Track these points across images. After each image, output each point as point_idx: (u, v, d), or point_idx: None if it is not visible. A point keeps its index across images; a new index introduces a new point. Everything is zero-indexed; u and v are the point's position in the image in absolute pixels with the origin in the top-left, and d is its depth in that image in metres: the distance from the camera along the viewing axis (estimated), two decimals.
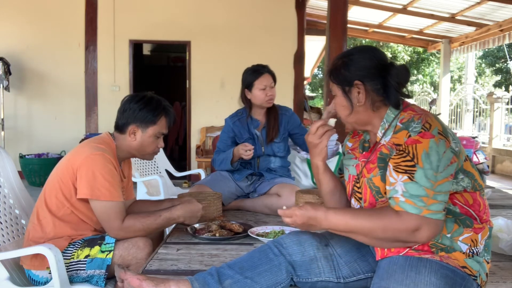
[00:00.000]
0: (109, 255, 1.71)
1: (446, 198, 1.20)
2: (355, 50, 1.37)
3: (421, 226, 1.18)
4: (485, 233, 1.29)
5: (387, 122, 1.32)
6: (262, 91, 2.53)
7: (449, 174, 1.20)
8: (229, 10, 6.79)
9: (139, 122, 1.83)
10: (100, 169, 1.71)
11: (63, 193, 1.76)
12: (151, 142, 1.87)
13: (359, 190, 1.39)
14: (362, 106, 1.34)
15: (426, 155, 1.19)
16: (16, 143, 6.52)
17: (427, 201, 1.18)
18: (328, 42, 5.04)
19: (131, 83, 6.78)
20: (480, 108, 10.11)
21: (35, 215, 1.80)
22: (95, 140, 1.85)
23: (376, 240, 1.26)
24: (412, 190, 1.19)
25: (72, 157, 1.78)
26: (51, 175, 1.85)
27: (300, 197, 2.20)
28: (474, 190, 1.28)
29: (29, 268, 1.77)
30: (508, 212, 2.41)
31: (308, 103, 7.28)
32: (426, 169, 1.18)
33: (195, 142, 6.85)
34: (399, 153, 1.24)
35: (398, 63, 1.33)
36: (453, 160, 1.20)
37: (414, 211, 1.18)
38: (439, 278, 1.16)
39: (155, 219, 1.79)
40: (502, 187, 6.41)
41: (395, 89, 1.29)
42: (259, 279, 1.32)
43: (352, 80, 1.32)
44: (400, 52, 16.46)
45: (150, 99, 1.86)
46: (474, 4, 7.23)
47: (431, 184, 1.18)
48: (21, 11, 6.60)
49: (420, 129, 1.22)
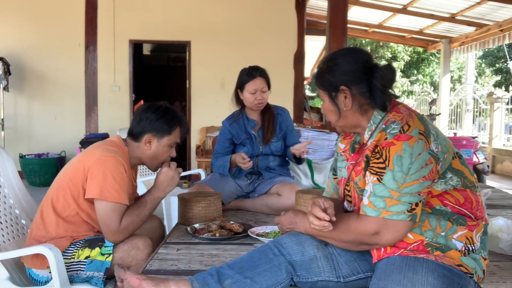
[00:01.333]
0: (108, 258, 1.71)
1: (414, 199, 1.21)
2: (339, 54, 1.37)
3: (380, 230, 1.22)
4: (480, 230, 1.29)
5: (374, 124, 1.33)
6: (251, 95, 2.52)
7: (422, 176, 1.20)
8: (229, 10, 6.79)
9: (155, 132, 1.87)
10: (111, 170, 1.72)
11: (72, 194, 1.77)
12: (165, 152, 1.91)
13: (349, 193, 1.41)
14: (349, 110, 1.35)
15: (398, 158, 1.20)
16: (16, 143, 6.53)
17: (388, 202, 1.20)
18: (328, 42, 5.04)
19: (131, 83, 6.78)
20: (480, 108, 10.11)
21: (39, 214, 1.81)
22: (107, 143, 1.87)
23: (343, 243, 1.32)
24: (377, 191, 1.22)
25: (83, 158, 1.79)
26: (60, 175, 1.85)
27: (300, 197, 2.19)
28: (465, 187, 1.28)
29: (30, 267, 1.77)
30: (508, 212, 2.41)
31: (308, 103, 7.29)
32: (395, 172, 1.20)
33: (195, 142, 6.85)
34: (374, 155, 1.27)
35: (382, 64, 1.34)
36: (429, 162, 1.20)
37: (373, 214, 1.22)
38: (436, 278, 1.16)
39: (144, 206, 1.83)
40: (502, 187, 6.41)
41: (381, 91, 1.30)
42: (259, 279, 1.32)
43: (338, 85, 1.33)
44: (400, 52, 16.44)
45: (166, 110, 1.90)
46: (474, 4, 7.23)
47: (398, 186, 1.20)
48: (21, 11, 6.60)
49: (397, 131, 1.23)
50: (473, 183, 1.30)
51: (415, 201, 1.21)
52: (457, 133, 7.41)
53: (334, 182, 1.56)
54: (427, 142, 1.21)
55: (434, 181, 1.24)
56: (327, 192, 1.59)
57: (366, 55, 1.35)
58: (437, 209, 1.27)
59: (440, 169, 1.24)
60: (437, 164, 1.23)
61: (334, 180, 1.56)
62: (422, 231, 1.26)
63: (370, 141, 1.32)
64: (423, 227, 1.26)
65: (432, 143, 1.22)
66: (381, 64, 1.34)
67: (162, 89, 8.88)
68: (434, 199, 1.27)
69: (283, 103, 2.86)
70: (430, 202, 1.27)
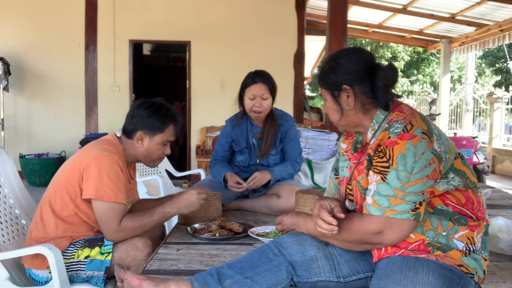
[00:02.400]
0: (108, 257, 1.71)
1: (418, 199, 1.21)
2: (342, 53, 1.38)
3: (384, 229, 1.22)
4: (481, 230, 1.29)
5: (377, 123, 1.34)
6: (250, 101, 2.43)
7: (425, 175, 1.20)
8: (229, 10, 6.79)
9: (147, 129, 1.84)
10: (106, 169, 1.71)
11: (69, 194, 1.76)
12: (158, 149, 1.88)
13: (351, 192, 1.41)
14: (352, 110, 1.35)
15: (401, 157, 1.20)
16: (16, 143, 6.53)
17: (393, 201, 1.20)
18: (328, 42, 5.04)
19: (131, 83, 6.78)
20: (480, 108, 10.11)
21: (38, 215, 1.81)
22: (101, 142, 1.85)
23: (346, 243, 1.32)
24: (381, 190, 1.22)
25: (79, 158, 1.78)
26: (56, 175, 1.85)
27: (300, 197, 2.19)
28: (467, 188, 1.28)
29: (30, 268, 1.77)
30: (508, 212, 2.41)
31: (308, 103, 7.28)
32: (399, 171, 1.20)
33: (195, 142, 6.85)
34: (378, 154, 1.27)
35: (385, 64, 1.34)
36: (432, 161, 1.21)
37: (377, 213, 1.22)
38: (437, 278, 1.16)
39: (151, 216, 1.79)
40: (502, 187, 6.41)
41: (383, 91, 1.30)
42: (259, 279, 1.32)
43: (341, 85, 1.34)
44: (400, 52, 16.44)
45: (159, 107, 1.86)
46: (474, 4, 7.23)
47: (402, 185, 1.20)
48: (21, 11, 6.60)
49: (400, 130, 1.24)
50: (474, 183, 1.30)
51: (419, 200, 1.21)
52: (457, 133, 7.41)
53: (335, 182, 1.56)
54: (430, 142, 1.22)
55: (437, 181, 1.25)
56: (328, 192, 1.59)
57: (368, 55, 1.36)
58: (439, 209, 1.27)
59: (443, 169, 1.25)
60: (440, 164, 1.23)
61: (335, 180, 1.56)
62: (424, 230, 1.26)
63: (373, 140, 1.32)
64: (425, 227, 1.26)
65: (435, 142, 1.23)
66: (384, 64, 1.34)
67: (162, 89, 8.87)
68: (435, 198, 1.27)
69: (283, 103, 2.84)
70: (431, 202, 1.27)
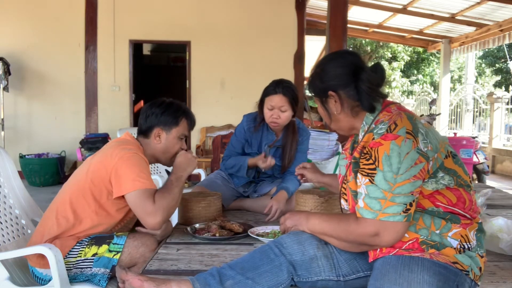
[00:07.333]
0: (116, 256, 1.73)
1: (408, 200, 1.21)
2: (327, 59, 1.40)
3: (379, 231, 1.23)
4: (474, 228, 1.29)
5: (367, 124, 1.34)
6: (268, 111, 2.40)
7: (412, 175, 1.20)
8: (229, 10, 6.79)
9: (162, 125, 1.92)
10: (137, 164, 1.76)
11: (93, 194, 1.78)
12: (175, 144, 1.96)
13: (345, 191, 1.41)
14: (341, 114, 1.36)
15: (386, 158, 1.20)
16: (16, 143, 6.52)
17: (383, 204, 1.21)
18: (328, 42, 5.05)
19: (131, 83, 6.79)
20: (480, 108, 10.11)
21: (53, 212, 1.81)
22: (123, 143, 1.88)
23: (345, 244, 1.33)
24: (371, 193, 1.23)
25: (104, 159, 1.80)
26: (77, 175, 1.87)
27: (300, 197, 2.19)
28: (458, 186, 1.28)
29: (34, 266, 1.78)
30: (508, 212, 2.41)
31: (308, 103, 7.28)
32: (385, 172, 1.20)
33: (195, 142, 6.85)
34: (364, 156, 1.27)
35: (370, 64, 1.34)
36: (418, 161, 1.20)
37: (370, 216, 1.23)
38: (431, 276, 1.16)
39: (171, 185, 1.82)
40: (502, 187, 6.41)
41: (367, 93, 1.31)
42: (260, 280, 1.32)
43: (326, 91, 1.35)
44: (400, 52, 16.44)
45: (170, 103, 1.97)
46: (474, 4, 7.24)
47: (390, 186, 1.20)
48: (21, 11, 6.61)
49: (384, 131, 1.24)
50: (467, 182, 1.30)
51: (409, 201, 1.21)
52: (457, 133, 7.41)
53: None
54: (415, 141, 1.21)
55: (425, 180, 1.25)
56: None
57: (353, 58, 1.36)
58: (430, 210, 1.27)
59: (431, 169, 1.24)
60: (427, 163, 1.23)
61: None
62: (417, 229, 1.26)
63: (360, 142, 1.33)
64: (417, 225, 1.26)
65: (421, 142, 1.22)
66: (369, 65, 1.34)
67: (162, 89, 8.85)
68: (425, 200, 1.27)
69: None
70: (421, 204, 1.27)
